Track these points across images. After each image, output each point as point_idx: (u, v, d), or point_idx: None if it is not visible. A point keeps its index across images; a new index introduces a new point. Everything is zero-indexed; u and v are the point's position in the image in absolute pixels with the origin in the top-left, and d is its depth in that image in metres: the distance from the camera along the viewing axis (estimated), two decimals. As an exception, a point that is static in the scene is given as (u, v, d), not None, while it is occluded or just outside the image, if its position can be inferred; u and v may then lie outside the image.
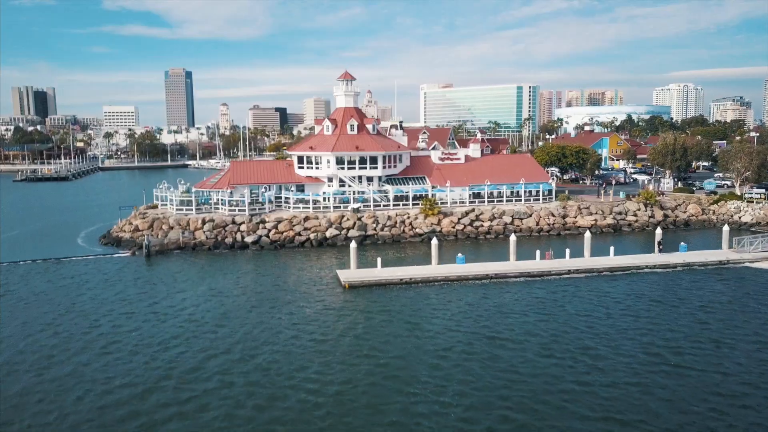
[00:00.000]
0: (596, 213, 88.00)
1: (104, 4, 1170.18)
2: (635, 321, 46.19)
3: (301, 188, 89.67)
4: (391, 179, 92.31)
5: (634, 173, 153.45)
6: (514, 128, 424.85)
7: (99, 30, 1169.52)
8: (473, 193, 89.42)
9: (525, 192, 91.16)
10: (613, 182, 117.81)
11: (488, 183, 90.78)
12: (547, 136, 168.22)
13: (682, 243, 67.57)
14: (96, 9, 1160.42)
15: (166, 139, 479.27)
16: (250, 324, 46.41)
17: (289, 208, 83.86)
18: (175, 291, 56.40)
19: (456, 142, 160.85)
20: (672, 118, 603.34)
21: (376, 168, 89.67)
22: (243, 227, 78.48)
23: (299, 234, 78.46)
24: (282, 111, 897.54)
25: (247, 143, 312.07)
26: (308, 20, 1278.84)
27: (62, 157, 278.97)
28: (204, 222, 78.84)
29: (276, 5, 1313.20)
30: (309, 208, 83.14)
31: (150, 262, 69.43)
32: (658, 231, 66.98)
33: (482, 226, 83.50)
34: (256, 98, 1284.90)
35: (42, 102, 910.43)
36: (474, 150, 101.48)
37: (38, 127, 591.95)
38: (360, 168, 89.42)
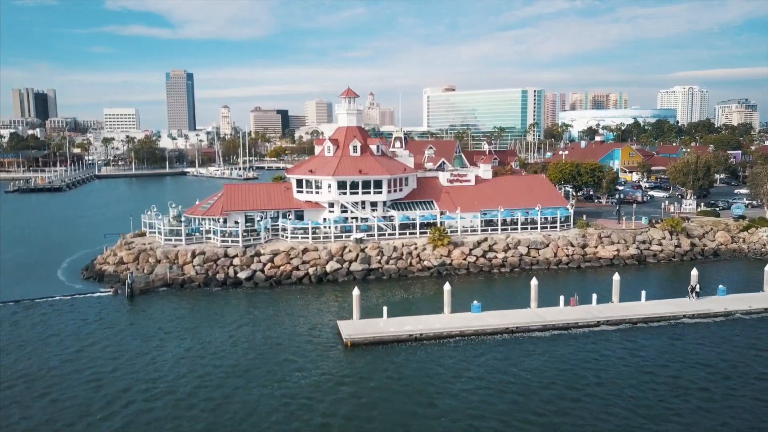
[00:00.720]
0: (618, 242, 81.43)
1: (106, 5, 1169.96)
2: (685, 401, 39.62)
3: (300, 214, 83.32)
4: (396, 204, 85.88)
5: (649, 188, 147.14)
6: (518, 131, 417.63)
7: (101, 30, 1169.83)
8: (485, 221, 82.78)
9: (541, 219, 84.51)
10: (633, 203, 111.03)
11: (501, 209, 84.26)
12: (560, 152, 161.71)
13: (720, 286, 60.95)
14: (98, 9, 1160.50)
15: (166, 143, 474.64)
16: (232, 398, 39.96)
17: (287, 237, 77.41)
18: (154, 346, 50.03)
19: (463, 155, 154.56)
20: (678, 122, 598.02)
21: (380, 193, 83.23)
22: (236, 261, 72.09)
23: (297, 268, 72.02)
24: (284, 113, 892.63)
25: (247, 149, 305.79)
26: (310, 20, 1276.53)
27: (58, 164, 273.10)
28: (194, 255, 72.45)
29: (278, 5, 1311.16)
30: (308, 237, 76.69)
31: (133, 304, 63.07)
32: (694, 273, 60.31)
33: (496, 257, 76.98)
34: (257, 98, 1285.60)
35: (42, 104, 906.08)
36: (485, 170, 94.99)
37: (37, 130, 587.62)
38: (363, 193, 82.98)
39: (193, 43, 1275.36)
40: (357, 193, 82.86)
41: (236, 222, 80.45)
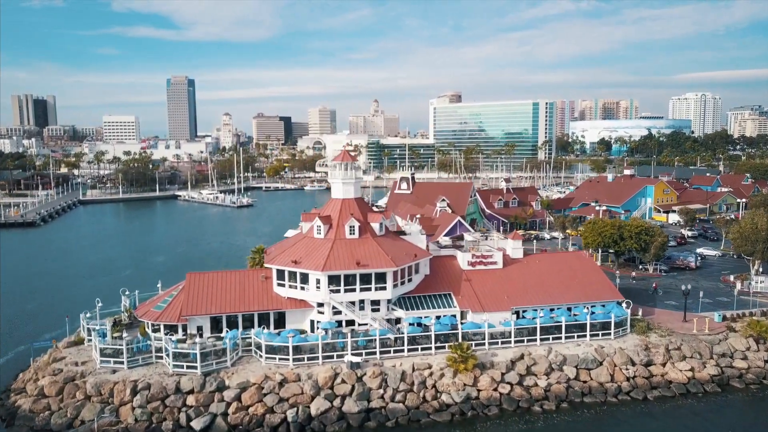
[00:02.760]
0: (692, 356, 62.94)
1: (113, 6, 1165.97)
2: None
3: (281, 316, 65.21)
4: (404, 299, 67.63)
5: (692, 236, 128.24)
6: (530, 141, 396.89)
7: (107, 32, 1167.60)
8: (518, 329, 64.06)
9: (590, 320, 65.84)
10: (686, 269, 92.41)
11: (540, 313, 65.71)
12: (594, 206, 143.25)
13: None
14: (104, 11, 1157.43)
15: (163, 153, 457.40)
16: None
17: (261, 357, 59.03)
18: None
19: (479, 197, 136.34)
20: (692, 132, 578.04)
21: (384, 288, 64.89)
22: (190, 399, 53.91)
23: (272, 410, 53.74)
24: (287, 120, 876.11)
25: (242, 168, 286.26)
26: (315, 21, 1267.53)
27: (40, 187, 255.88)
28: (135, 390, 54.28)
29: (283, 7, 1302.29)
30: (288, 358, 58.27)
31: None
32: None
33: (536, 385, 58.52)
34: (262, 99, 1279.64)
35: (42, 110, 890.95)
36: (514, 247, 76.46)
37: (32, 141, 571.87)
38: (362, 289, 64.64)
39: (198, 45, 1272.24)
40: (354, 290, 64.51)
41: (199, 329, 62.60)
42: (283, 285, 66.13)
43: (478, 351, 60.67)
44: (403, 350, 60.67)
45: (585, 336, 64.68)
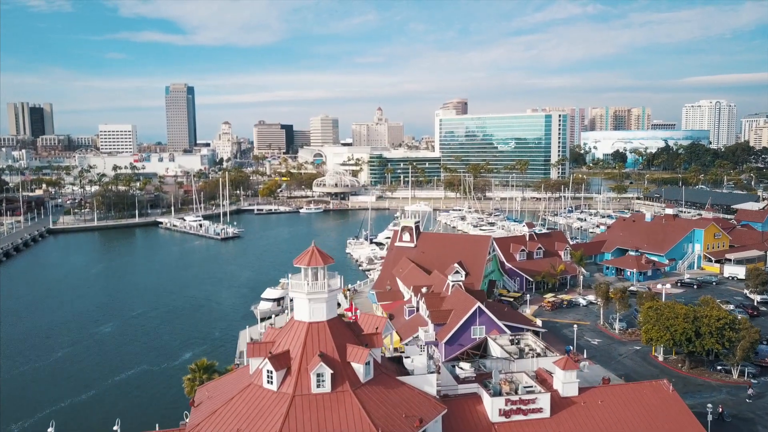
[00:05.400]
0: None
1: (120, 12, 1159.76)
2: None
3: None
4: (403, 483, 43.47)
5: (762, 300, 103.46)
6: (541, 153, 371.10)
7: (115, 37, 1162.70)
8: None
9: None
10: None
11: None
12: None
13: None
14: (113, 16, 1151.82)
15: (155, 167, 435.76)
16: None
17: None
18: None
19: (498, 251, 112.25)
20: (710, 142, 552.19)
21: (370, 481, 40.80)
22: None
23: None
24: (288, 128, 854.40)
25: (227, 191, 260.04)
26: (321, 26, 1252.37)
27: (8, 214, 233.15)
28: None
29: (289, 12, 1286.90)
30: None
31: None
32: None
33: None
34: (265, 104, 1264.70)
35: (39, 118, 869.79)
36: (566, 382, 51.92)
37: (23, 152, 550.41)
38: (335, 483, 40.56)
39: (204, 50, 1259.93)
40: (322, 485, 40.41)
41: None
42: (214, 467, 42.12)
43: None
44: None
45: None
